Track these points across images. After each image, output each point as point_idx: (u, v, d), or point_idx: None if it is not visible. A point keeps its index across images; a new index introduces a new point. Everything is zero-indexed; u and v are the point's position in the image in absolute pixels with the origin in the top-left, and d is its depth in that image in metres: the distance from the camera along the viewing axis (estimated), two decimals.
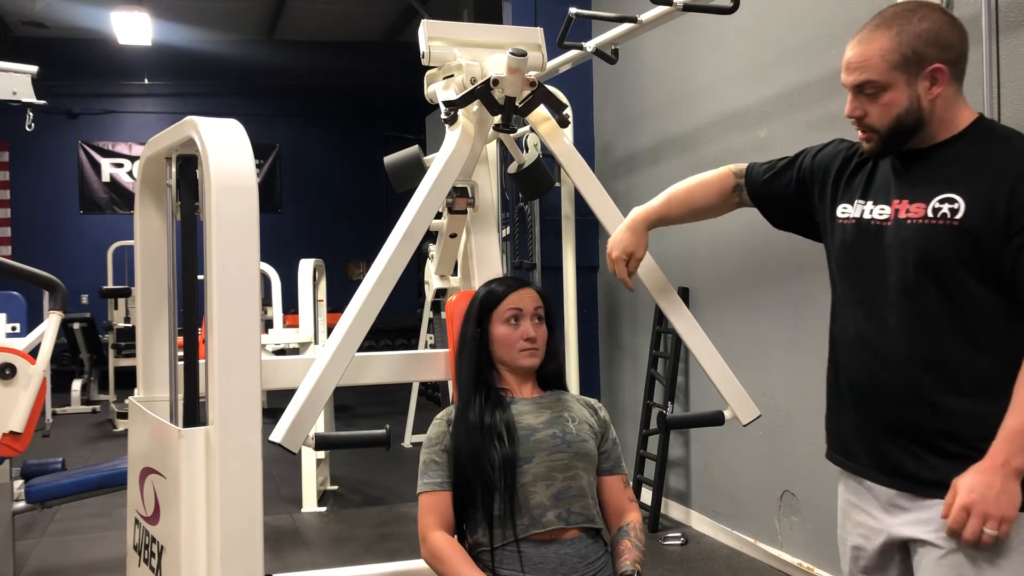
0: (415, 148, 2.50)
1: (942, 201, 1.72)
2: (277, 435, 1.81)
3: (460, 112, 2.13)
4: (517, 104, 2.09)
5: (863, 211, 1.85)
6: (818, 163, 2.00)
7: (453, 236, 2.52)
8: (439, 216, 2.42)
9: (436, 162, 2.12)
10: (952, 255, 1.69)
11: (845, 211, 1.90)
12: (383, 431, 1.91)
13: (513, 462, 1.95)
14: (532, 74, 2.12)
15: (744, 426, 2.26)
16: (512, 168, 2.70)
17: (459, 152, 2.13)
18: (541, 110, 2.20)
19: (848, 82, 1.79)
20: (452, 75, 2.28)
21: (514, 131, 2.11)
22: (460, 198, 2.40)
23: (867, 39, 1.76)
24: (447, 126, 2.16)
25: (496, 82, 2.04)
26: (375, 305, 1.97)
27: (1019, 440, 1.63)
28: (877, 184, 1.86)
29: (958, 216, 1.69)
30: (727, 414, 2.23)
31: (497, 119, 2.10)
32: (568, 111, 2.37)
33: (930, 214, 1.72)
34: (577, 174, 2.24)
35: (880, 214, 1.81)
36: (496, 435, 1.96)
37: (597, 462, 2.08)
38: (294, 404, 1.84)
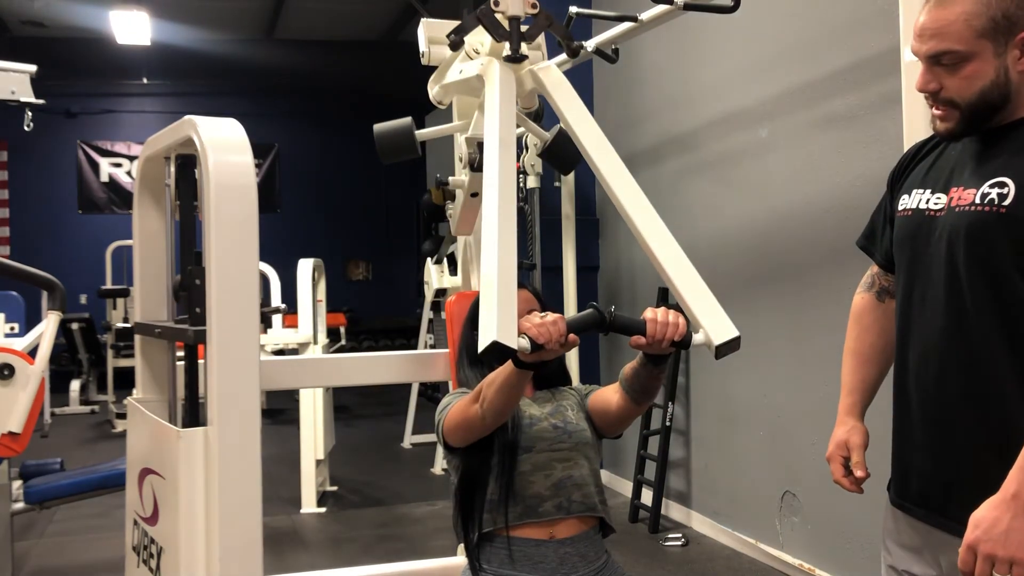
0: (408, 119, 2.42)
1: (993, 185, 1.51)
2: (490, 333, 1.56)
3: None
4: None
5: (920, 200, 1.65)
6: (891, 176, 1.82)
7: (475, 195, 2.43)
8: (451, 196, 2.38)
9: (488, 93, 2.04)
10: (1000, 248, 1.48)
11: (903, 203, 1.69)
12: (594, 309, 1.71)
13: (514, 450, 1.94)
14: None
15: (716, 349, 1.79)
16: (539, 149, 2.61)
17: (504, 72, 2.02)
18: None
19: (923, 52, 1.55)
20: None
21: (525, 58, 2.05)
22: (483, 155, 2.27)
23: (947, 0, 1.51)
24: (452, 51, 2.10)
25: (497, 3, 2.02)
26: (511, 194, 1.81)
27: None
28: (939, 170, 1.65)
29: (1007, 201, 1.48)
30: (698, 336, 1.80)
31: (506, 50, 2.05)
32: (576, 44, 2.26)
33: (978, 200, 1.52)
34: (567, 106, 2.13)
35: (936, 203, 1.61)
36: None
37: (600, 447, 2.08)
38: (490, 301, 1.62)
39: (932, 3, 1.55)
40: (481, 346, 1.57)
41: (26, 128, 5.10)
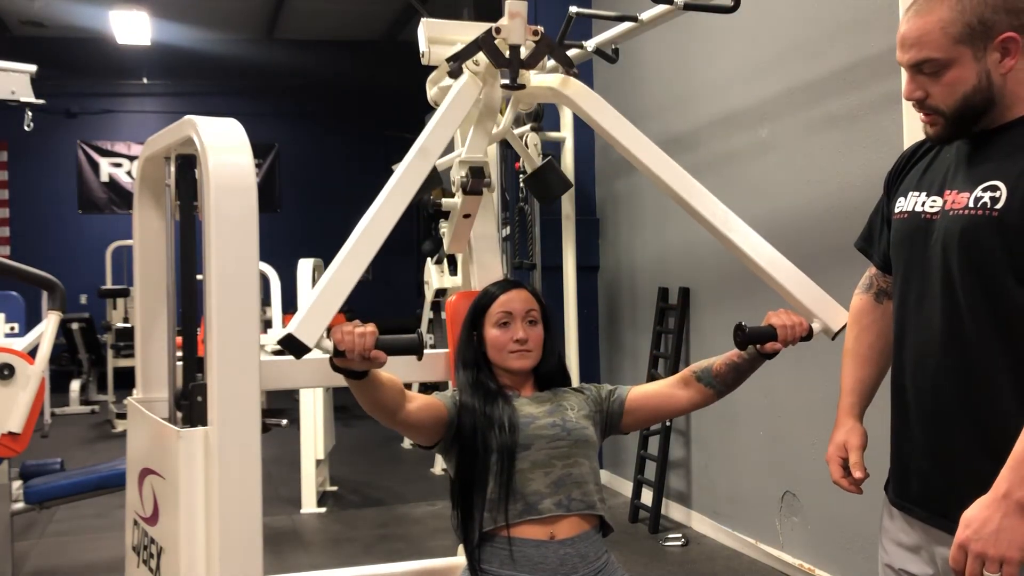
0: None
1: (985, 189, 1.52)
2: (292, 326, 1.64)
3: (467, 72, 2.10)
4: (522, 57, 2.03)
5: (915, 203, 1.66)
6: (887, 179, 1.83)
7: (467, 216, 2.45)
8: (453, 196, 2.39)
9: (444, 101, 2.05)
10: (994, 251, 1.50)
11: (900, 205, 1.71)
12: (415, 335, 1.77)
13: (512, 450, 1.94)
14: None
15: (834, 337, 1.99)
16: (525, 173, 2.64)
17: (467, 90, 2.04)
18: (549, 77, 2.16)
19: (904, 60, 1.58)
20: None
21: (523, 87, 2.06)
22: (476, 179, 2.27)
23: (924, 9, 1.54)
24: (452, 79, 2.11)
25: (499, 30, 2.02)
26: (396, 208, 1.86)
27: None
28: (933, 173, 1.67)
29: (999, 205, 1.49)
30: (815, 326, 1.96)
31: (504, 79, 2.05)
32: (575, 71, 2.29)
33: (971, 204, 1.53)
34: (603, 118, 2.18)
35: (931, 206, 1.62)
36: (497, 424, 1.95)
37: (599, 443, 2.08)
38: (311, 297, 1.69)
39: (911, 12, 1.57)
40: (287, 329, 1.61)
41: (26, 128, 5.11)
